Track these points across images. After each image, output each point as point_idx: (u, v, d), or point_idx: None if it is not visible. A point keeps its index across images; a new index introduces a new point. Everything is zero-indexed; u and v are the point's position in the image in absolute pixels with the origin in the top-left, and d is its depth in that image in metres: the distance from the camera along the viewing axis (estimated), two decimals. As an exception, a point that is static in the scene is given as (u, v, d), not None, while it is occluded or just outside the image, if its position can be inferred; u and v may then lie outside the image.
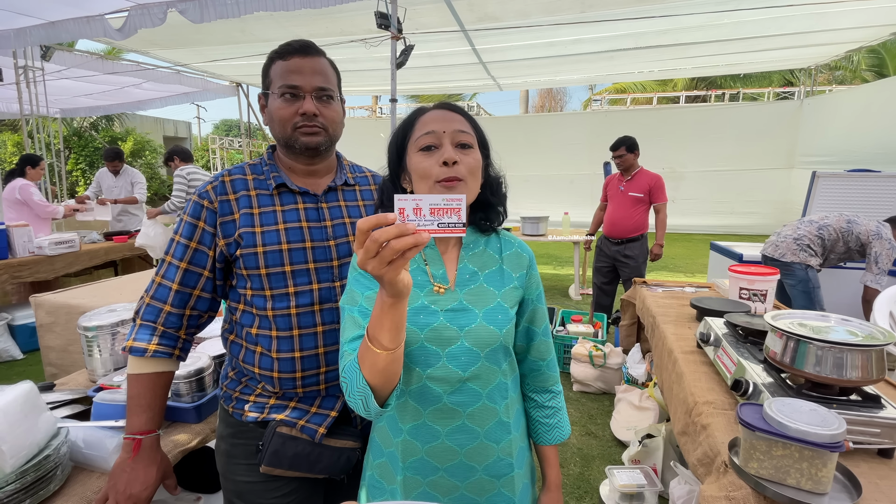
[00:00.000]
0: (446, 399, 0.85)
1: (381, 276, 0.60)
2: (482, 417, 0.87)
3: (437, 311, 0.85)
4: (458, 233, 0.64)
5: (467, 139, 0.85)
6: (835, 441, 0.85)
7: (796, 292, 3.09)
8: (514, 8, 4.73)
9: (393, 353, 0.68)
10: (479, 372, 0.86)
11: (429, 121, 0.85)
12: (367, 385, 0.71)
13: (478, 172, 0.86)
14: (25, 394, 1.01)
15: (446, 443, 0.86)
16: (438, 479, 0.87)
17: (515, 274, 0.92)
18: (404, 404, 0.87)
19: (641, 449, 2.20)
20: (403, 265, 0.60)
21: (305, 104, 0.98)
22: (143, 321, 0.99)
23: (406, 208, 0.62)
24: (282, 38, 4.65)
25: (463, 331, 0.85)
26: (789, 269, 3.08)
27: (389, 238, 0.57)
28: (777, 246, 3.17)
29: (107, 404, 1.17)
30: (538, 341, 0.99)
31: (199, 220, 0.99)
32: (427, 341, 0.84)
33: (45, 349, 2.33)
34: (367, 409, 0.73)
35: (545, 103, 24.67)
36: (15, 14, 4.40)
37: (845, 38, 6.42)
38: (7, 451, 0.93)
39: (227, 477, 1.06)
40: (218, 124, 31.98)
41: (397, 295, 0.63)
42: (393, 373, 0.71)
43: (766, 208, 9.37)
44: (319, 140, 1.01)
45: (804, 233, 3.10)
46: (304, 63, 0.98)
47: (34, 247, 3.80)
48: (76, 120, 14.47)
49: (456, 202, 0.63)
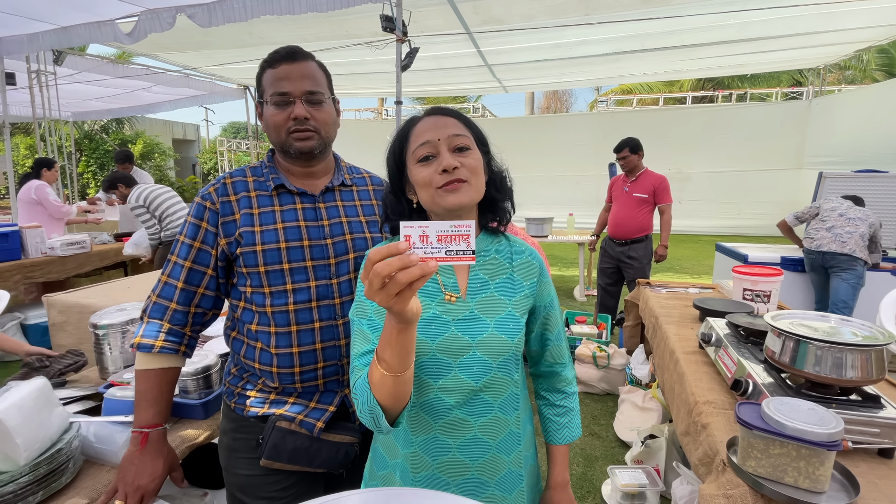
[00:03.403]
0: (458, 411, 0.84)
1: (390, 308, 0.59)
2: (494, 429, 0.86)
3: (448, 320, 0.84)
4: (468, 260, 0.61)
5: (464, 141, 0.84)
6: (832, 440, 0.85)
7: (847, 286, 3.21)
8: (518, 11, 4.74)
9: (402, 375, 0.68)
10: (492, 382, 0.85)
11: (422, 131, 0.85)
12: (377, 404, 0.71)
13: (480, 171, 0.85)
14: (39, 389, 1.04)
15: (458, 456, 0.85)
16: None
17: (526, 282, 0.92)
18: (415, 416, 0.85)
19: (644, 449, 2.20)
20: (411, 296, 0.58)
21: (296, 109, 1.00)
22: (150, 318, 1.03)
23: (412, 235, 0.60)
24: (289, 40, 4.66)
25: (475, 340, 0.84)
26: (853, 265, 3.21)
27: (393, 271, 0.55)
28: (844, 242, 3.26)
29: (117, 400, 1.20)
30: (552, 346, 0.99)
31: (202, 220, 1.02)
32: (439, 352, 0.83)
33: (57, 347, 2.38)
34: (377, 426, 0.73)
35: (551, 105, 24.63)
36: (28, 19, 4.49)
37: (854, 38, 6.36)
38: (21, 444, 0.96)
39: (229, 470, 1.09)
40: (226, 126, 32.28)
41: (406, 322, 0.62)
42: (403, 393, 0.71)
43: (773, 209, 9.27)
44: (313, 144, 1.03)
45: (864, 231, 3.25)
46: (291, 69, 1.01)
47: (46, 248, 3.87)
48: (87, 123, 14.68)
49: (464, 229, 0.61)
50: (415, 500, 0.47)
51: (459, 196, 0.81)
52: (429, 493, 0.49)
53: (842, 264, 3.23)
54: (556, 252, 8.36)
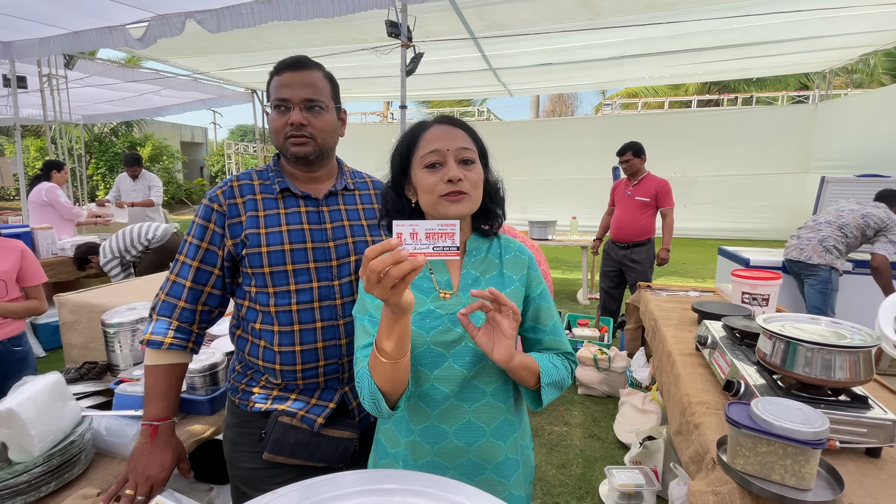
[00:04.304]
0: (453, 398, 0.89)
1: (387, 300, 0.67)
2: (488, 415, 0.90)
3: (442, 314, 0.89)
4: (453, 255, 0.69)
5: (470, 155, 0.89)
6: (817, 438, 0.87)
7: (814, 292, 3.14)
8: (522, 16, 4.78)
9: (399, 362, 0.76)
10: (484, 370, 0.90)
11: (432, 138, 0.89)
12: (378, 390, 0.79)
13: (480, 185, 0.90)
14: (53, 384, 1.09)
15: (455, 442, 0.89)
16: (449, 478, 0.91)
17: (516, 276, 0.96)
18: (413, 406, 0.90)
19: (642, 451, 2.22)
20: (405, 288, 0.66)
21: (293, 115, 1.04)
22: (159, 316, 1.07)
23: (403, 233, 0.68)
24: (296, 45, 4.70)
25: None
26: (814, 271, 3.14)
27: (387, 267, 0.63)
28: (802, 249, 3.21)
29: (127, 395, 1.24)
30: (548, 340, 0.99)
31: (210, 222, 1.07)
32: (434, 344, 0.88)
33: (68, 346, 2.43)
34: (379, 411, 0.81)
35: (556, 108, 24.65)
36: (39, 24, 4.59)
37: (859, 42, 6.35)
38: (36, 435, 1.01)
39: (233, 464, 1.13)
40: (233, 129, 32.57)
41: (401, 312, 0.70)
42: (401, 379, 0.79)
43: (779, 213, 9.26)
44: (308, 150, 1.07)
45: (828, 234, 3.15)
46: (293, 77, 1.05)
47: (57, 248, 3.95)
48: (97, 125, 14.89)
49: (450, 227, 0.68)
50: (404, 480, 0.51)
51: (460, 207, 0.87)
52: (420, 475, 0.53)
53: (804, 271, 3.20)
54: (559, 255, 8.37)
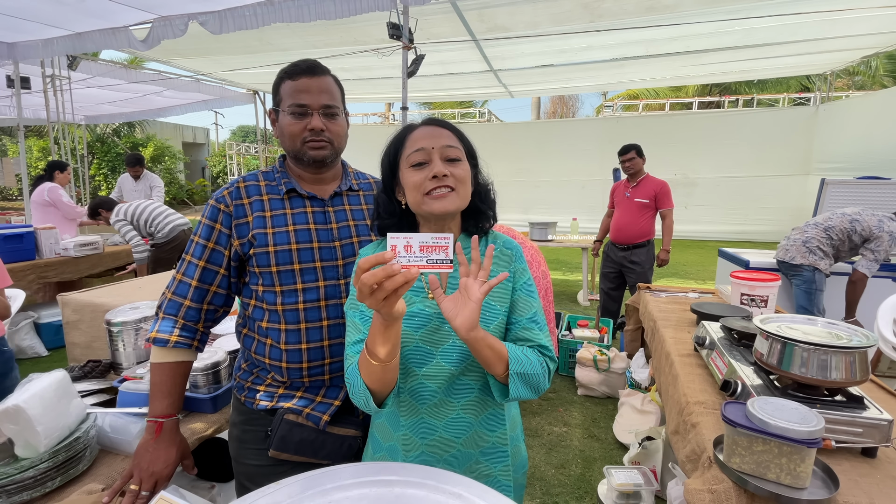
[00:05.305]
0: (441, 395, 0.91)
1: (378, 310, 0.69)
2: (476, 408, 0.93)
3: (430, 313, 0.91)
4: (446, 269, 0.69)
5: (455, 153, 0.91)
6: (812, 438, 0.88)
7: (800, 292, 3.19)
8: (523, 18, 4.80)
9: (388, 364, 0.78)
10: (471, 367, 0.91)
11: (418, 138, 0.91)
12: (366, 389, 0.82)
13: (467, 182, 0.92)
14: (59, 381, 1.11)
15: (444, 435, 0.92)
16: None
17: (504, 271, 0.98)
18: (404, 402, 0.93)
19: (641, 451, 2.23)
20: (397, 300, 0.67)
21: (313, 121, 1.06)
22: (165, 314, 1.08)
23: (398, 245, 0.68)
24: (297, 46, 4.73)
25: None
26: (798, 271, 3.20)
27: (378, 281, 0.64)
28: (787, 250, 3.27)
29: (131, 393, 1.26)
30: (521, 330, 0.93)
31: (216, 222, 1.08)
32: (422, 342, 0.90)
33: (71, 345, 2.45)
34: (367, 407, 0.85)
35: (557, 109, 24.66)
36: (43, 25, 4.61)
37: (860, 44, 6.36)
38: (42, 431, 1.02)
39: (238, 461, 1.14)
40: (235, 130, 32.64)
41: (393, 320, 0.72)
42: (389, 379, 0.81)
43: (780, 215, 9.26)
44: (326, 153, 1.10)
45: (812, 235, 3.20)
46: (311, 83, 1.07)
47: (60, 248, 3.96)
48: (99, 126, 14.95)
49: (444, 240, 0.68)
50: (403, 472, 0.53)
51: (445, 203, 0.88)
52: (419, 467, 0.55)
53: (789, 271, 3.26)
54: (559, 256, 8.38)
